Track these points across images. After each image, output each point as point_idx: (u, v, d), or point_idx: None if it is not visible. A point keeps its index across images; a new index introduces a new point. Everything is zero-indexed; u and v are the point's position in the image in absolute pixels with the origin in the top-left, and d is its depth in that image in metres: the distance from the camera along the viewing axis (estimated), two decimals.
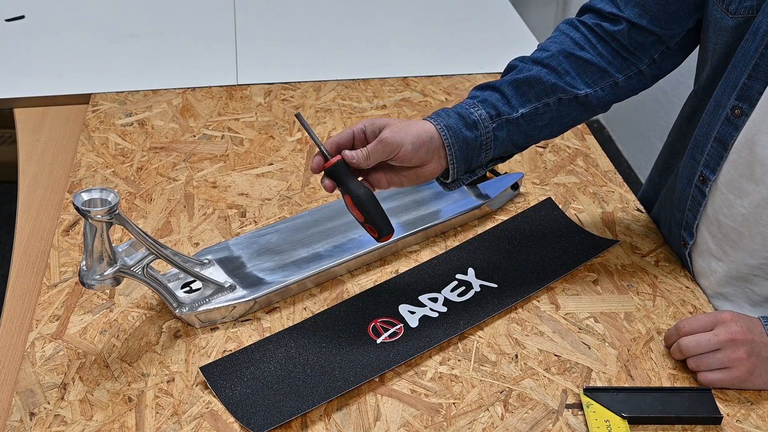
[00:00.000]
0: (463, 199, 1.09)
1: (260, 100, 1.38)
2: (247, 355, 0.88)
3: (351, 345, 0.89)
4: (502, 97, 0.96)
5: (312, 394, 0.83)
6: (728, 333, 0.85)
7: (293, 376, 0.85)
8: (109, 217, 0.81)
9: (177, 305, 0.91)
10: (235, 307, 0.93)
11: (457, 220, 1.08)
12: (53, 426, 0.81)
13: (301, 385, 0.84)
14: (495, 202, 1.10)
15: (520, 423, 0.83)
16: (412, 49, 1.56)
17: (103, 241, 0.82)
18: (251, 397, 0.83)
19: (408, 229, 1.04)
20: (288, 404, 0.82)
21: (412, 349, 0.89)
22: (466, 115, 0.93)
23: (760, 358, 0.85)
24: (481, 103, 0.95)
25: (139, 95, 1.39)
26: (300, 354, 0.88)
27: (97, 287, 0.84)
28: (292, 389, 0.84)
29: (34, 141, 1.28)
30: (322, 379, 0.85)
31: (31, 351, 0.89)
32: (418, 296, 0.96)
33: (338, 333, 0.91)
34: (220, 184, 1.17)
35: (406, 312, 0.94)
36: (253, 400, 0.83)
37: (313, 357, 0.88)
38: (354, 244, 1.01)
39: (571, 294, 0.98)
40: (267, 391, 0.84)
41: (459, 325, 0.92)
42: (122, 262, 0.85)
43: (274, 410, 0.82)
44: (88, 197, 0.81)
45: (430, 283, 0.98)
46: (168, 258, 0.89)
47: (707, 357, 0.86)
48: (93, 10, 1.68)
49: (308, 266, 0.98)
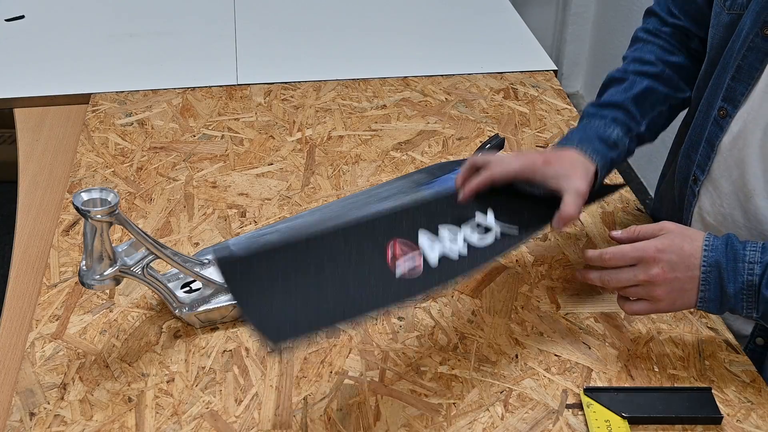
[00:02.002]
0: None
1: (260, 100, 1.38)
2: (268, 257, 0.80)
3: (369, 272, 0.84)
4: (626, 113, 1.00)
5: (329, 314, 0.78)
6: (647, 275, 0.84)
7: (310, 291, 0.79)
8: (109, 217, 0.81)
9: (177, 305, 0.91)
10: (235, 307, 0.93)
11: None
12: (53, 426, 0.81)
13: (317, 302, 0.78)
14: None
15: (521, 423, 0.83)
16: (412, 49, 1.56)
17: (103, 241, 0.82)
18: (269, 303, 0.76)
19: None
20: (305, 318, 0.76)
21: (430, 283, 0.84)
22: (606, 137, 0.97)
23: (680, 292, 0.84)
24: (613, 122, 0.99)
25: (139, 95, 1.39)
26: (317, 268, 0.81)
27: (97, 287, 0.84)
28: (309, 304, 0.78)
29: (34, 141, 1.28)
30: (338, 300, 0.79)
31: (31, 351, 0.89)
32: (437, 224, 0.89)
33: (357, 253, 0.84)
34: (220, 184, 1.17)
35: (425, 240, 0.87)
36: (270, 308, 0.76)
37: (329, 274, 0.81)
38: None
39: (572, 294, 0.98)
40: (285, 301, 0.77)
41: (479, 266, 0.88)
42: (122, 262, 0.85)
43: (291, 322, 0.76)
44: (88, 197, 0.80)
45: (451, 213, 0.92)
46: (168, 258, 0.89)
47: (628, 289, 0.86)
48: (93, 10, 1.68)
49: None
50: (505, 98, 1.39)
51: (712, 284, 0.83)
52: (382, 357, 0.90)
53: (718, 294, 0.83)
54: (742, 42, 0.89)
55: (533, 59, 1.53)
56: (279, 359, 0.89)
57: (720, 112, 0.92)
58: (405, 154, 1.24)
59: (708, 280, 0.83)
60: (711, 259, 0.83)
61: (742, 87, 0.90)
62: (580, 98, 2.96)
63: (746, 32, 0.88)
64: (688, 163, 0.99)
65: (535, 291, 0.98)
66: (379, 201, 1.09)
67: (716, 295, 0.83)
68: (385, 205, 1.04)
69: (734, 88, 0.90)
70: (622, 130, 0.98)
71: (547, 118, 1.34)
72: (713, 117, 0.93)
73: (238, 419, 0.82)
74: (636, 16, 2.46)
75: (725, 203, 0.94)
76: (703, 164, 0.96)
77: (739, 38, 0.89)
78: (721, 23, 0.93)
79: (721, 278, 0.83)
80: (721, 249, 0.83)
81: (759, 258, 0.82)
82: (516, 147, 1.26)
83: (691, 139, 0.98)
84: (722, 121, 0.92)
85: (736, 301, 0.83)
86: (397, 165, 1.21)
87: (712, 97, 0.94)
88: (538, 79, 1.46)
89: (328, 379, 0.87)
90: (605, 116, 0.99)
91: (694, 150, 0.97)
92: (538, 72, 1.48)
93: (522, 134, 1.29)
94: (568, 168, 0.90)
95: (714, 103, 0.93)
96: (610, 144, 0.96)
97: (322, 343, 0.91)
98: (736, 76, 0.90)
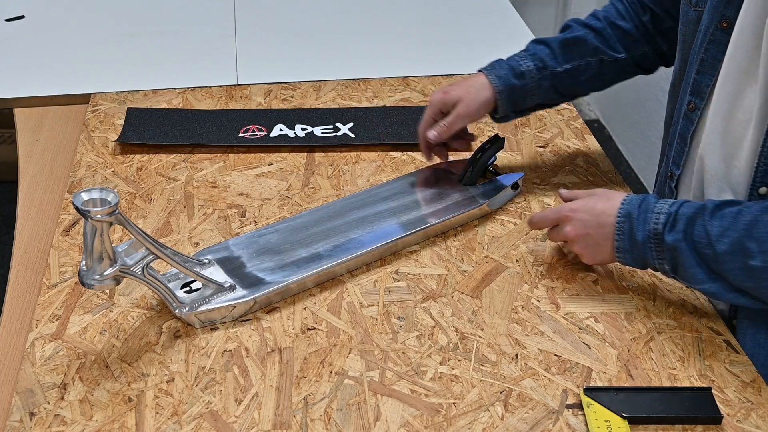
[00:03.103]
0: (463, 198, 1.10)
1: (260, 99, 1.38)
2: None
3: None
4: (551, 52, 1.09)
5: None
6: (563, 234, 0.95)
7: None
8: (109, 218, 0.81)
9: (177, 305, 0.91)
10: (235, 307, 0.93)
11: (457, 220, 1.07)
12: (53, 426, 0.81)
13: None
14: (495, 201, 1.10)
15: (520, 423, 0.83)
16: (412, 49, 1.56)
17: (103, 241, 0.82)
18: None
19: (408, 229, 1.04)
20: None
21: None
22: (515, 66, 1.07)
23: (595, 247, 0.93)
24: (531, 56, 1.08)
25: (139, 95, 1.39)
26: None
27: (97, 287, 0.84)
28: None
29: (33, 141, 1.28)
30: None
31: (31, 351, 0.89)
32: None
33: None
34: (220, 184, 1.17)
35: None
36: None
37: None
38: (354, 244, 1.01)
39: (571, 294, 0.98)
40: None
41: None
42: (122, 262, 0.85)
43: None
44: (88, 197, 0.80)
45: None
46: (168, 258, 0.89)
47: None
48: (93, 10, 1.68)
49: (308, 266, 0.98)
50: None
51: (625, 233, 0.90)
52: (382, 357, 0.90)
53: (630, 243, 0.89)
54: (704, 36, 0.91)
55: None
56: (279, 359, 0.89)
57: (689, 106, 0.95)
58: (405, 154, 1.24)
59: (621, 230, 0.90)
60: (624, 211, 0.90)
61: (707, 80, 0.93)
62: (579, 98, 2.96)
63: (706, 26, 0.91)
64: (666, 161, 1.01)
65: (535, 291, 0.98)
66: (379, 201, 1.09)
67: (629, 244, 0.90)
68: (385, 205, 1.06)
69: (700, 81, 0.94)
70: (536, 64, 1.08)
71: (547, 118, 1.34)
72: (683, 111, 0.96)
73: (238, 419, 0.82)
74: None
75: (697, 194, 0.97)
76: (677, 159, 0.98)
77: (701, 33, 0.92)
78: (689, 20, 0.96)
79: (632, 228, 0.89)
80: (636, 202, 0.90)
81: (666, 209, 0.87)
82: (516, 147, 1.26)
83: (670, 137, 1.01)
84: (692, 114, 0.95)
85: (645, 249, 0.89)
86: (397, 165, 1.21)
87: (683, 93, 0.98)
88: None
89: (328, 379, 0.87)
90: (529, 49, 1.10)
91: (670, 147, 1.00)
92: None
93: (522, 134, 1.29)
94: (461, 93, 1.06)
95: (684, 99, 0.96)
96: (516, 72, 1.07)
97: (322, 343, 0.91)
98: (700, 69, 0.93)
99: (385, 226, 1.05)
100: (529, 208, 1.12)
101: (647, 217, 0.88)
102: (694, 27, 0.95)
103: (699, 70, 0.94)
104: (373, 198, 1.10)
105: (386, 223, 1.05)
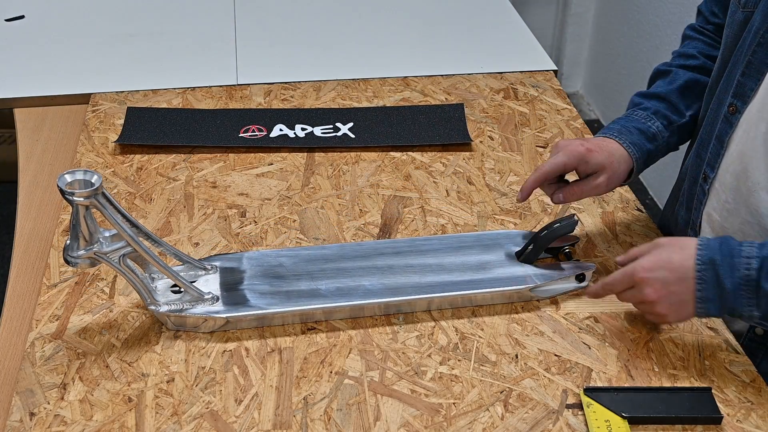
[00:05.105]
0: (508, 276, 0.96)
1: (260, 99, 1.38)
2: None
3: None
4: (669, 105, 1.04)
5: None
6: (642, 296, 0.86)
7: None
8: (84, 201, 0.81)
9: (151, 301, 0.90)
10: (206, 320, 0.91)
11: (485, 297, 0.95)
12: (53, 426, 0.81)
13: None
14: (546, 290, 0.96)
15: (520, 423, 0.83)
16: (412, 49, 1.56)
17: (79, 222, 0.83)
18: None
19: (426, 291, 0.94)
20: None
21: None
22: (646, 129, 1.02)
23: (680, 304, 0.84)
24: (654, 114, 1.03)
25: (139, 95, 1.39)
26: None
27: (73, 264, 0.85)
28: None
29: (34, 141, 1.28)
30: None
31: (31, 351, 0.89)
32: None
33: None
34: (220, 184, 1.17)
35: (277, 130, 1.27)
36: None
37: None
38: (358, 291, 0.94)
39: (572, 294, 0.98)
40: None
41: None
42: (99, 247, 0.85)
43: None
44: (71, 178, 0.82)
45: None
46: (146, 252, 0.87)
47: (637, 307, 0.91)
48: (93, 10, 1.68)
49: (298, 301, 0.92)
50: (505, 98, 1.39)
51: (708, 282, 0.82)
52: (382, 357, 0.90)
53: (716, 291, 0.82)
54: (753, 38, 0.89)
55: (533, 59, 1.53)
56: (279, 359, 0.89)
57: (730, 109, 0.93)
58: (405, 154, 1.24)
59: (704, 279, 0.82)
60: (705, 257, 0.82)
61: (751, 83, 0.90)
62: (580, 98, 2.96)
63: (756, 28, 0.89)
64: (698, 162, 0.99)
65: None
66: (416, 253, 1.00)
67: (714, 293, 0.82)
68: (419, 260, 0.99)
69: (744, 84, 0.91)
70: (662, 123, 1.02)
71: (547, 118, 1.34)
72: (723, 114, 0.94)
73: (238, 419, 0.82)
74: (636, 16, 2.46)
75: (730, 198, 0.94)
76: (713, 162, 0.96)
77: (749, 34, 0.90)
78: (735, 21, 0.94)
79: (718, 275, 0.81)
80: (716, 247, 0.82)
81: (756, 253, 0.81)
82: (516, 147, 1.26)
83: (702, 138, 0.99)
84: (732, 117, 0.93)
85: (735, 297, 0.81)
86: (397, 165, 1.21)
87: (722, 95, 0.95)
88: (538, 79, 1.46)
89: (328, 379, 0.87)
90: (648, 108, 1.04)
91: (704, 148, 0.98)
92: (538, 72, 1.48)
93: (522, 134, 1.29)
94: (604, 161, 0.96)
95: (724, 100, 0.94)
96: (649, 136, 1.01)
97: (322, 343, 0.91)
98: (746, 71, 0.91)
99: (403, 281, 0.95)
100: (528, 208, 1.12)
101: (734, 262, 0.81)
102: (740, 28, 0.93)
103: (744, 73, 0.91)
104: (411, 248, 1.01)
105: (406, 279, 0.96)
